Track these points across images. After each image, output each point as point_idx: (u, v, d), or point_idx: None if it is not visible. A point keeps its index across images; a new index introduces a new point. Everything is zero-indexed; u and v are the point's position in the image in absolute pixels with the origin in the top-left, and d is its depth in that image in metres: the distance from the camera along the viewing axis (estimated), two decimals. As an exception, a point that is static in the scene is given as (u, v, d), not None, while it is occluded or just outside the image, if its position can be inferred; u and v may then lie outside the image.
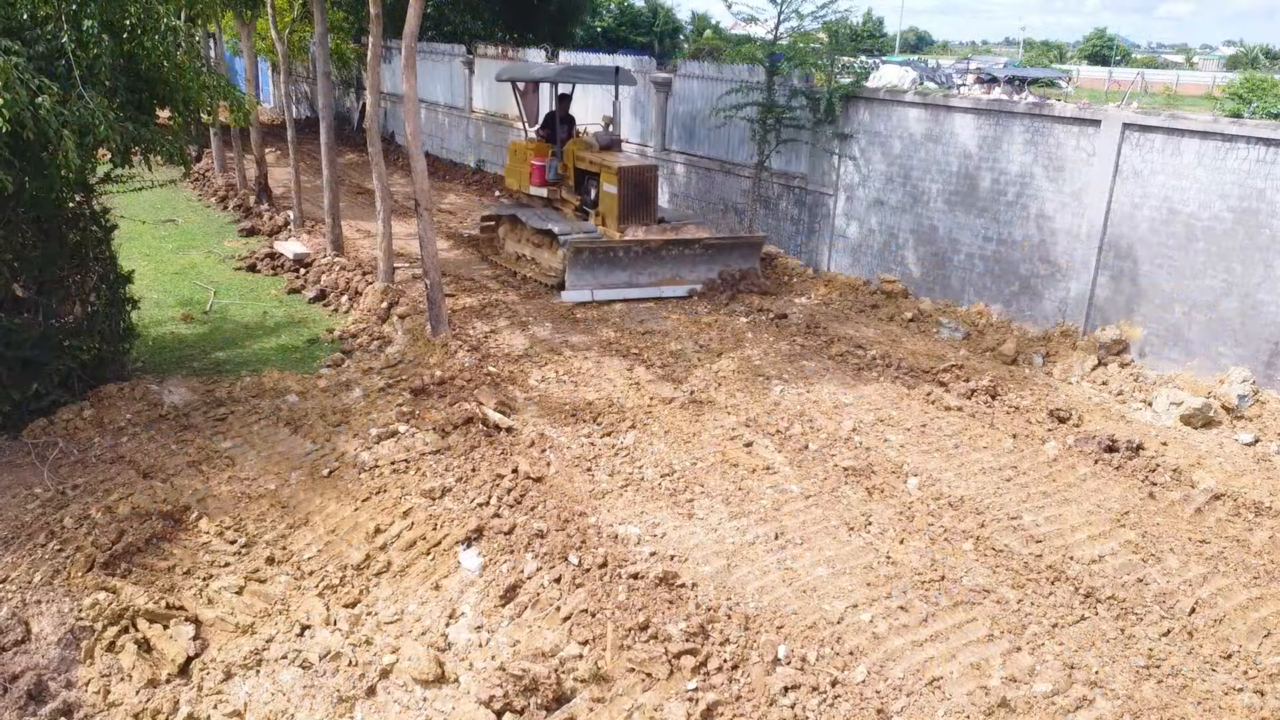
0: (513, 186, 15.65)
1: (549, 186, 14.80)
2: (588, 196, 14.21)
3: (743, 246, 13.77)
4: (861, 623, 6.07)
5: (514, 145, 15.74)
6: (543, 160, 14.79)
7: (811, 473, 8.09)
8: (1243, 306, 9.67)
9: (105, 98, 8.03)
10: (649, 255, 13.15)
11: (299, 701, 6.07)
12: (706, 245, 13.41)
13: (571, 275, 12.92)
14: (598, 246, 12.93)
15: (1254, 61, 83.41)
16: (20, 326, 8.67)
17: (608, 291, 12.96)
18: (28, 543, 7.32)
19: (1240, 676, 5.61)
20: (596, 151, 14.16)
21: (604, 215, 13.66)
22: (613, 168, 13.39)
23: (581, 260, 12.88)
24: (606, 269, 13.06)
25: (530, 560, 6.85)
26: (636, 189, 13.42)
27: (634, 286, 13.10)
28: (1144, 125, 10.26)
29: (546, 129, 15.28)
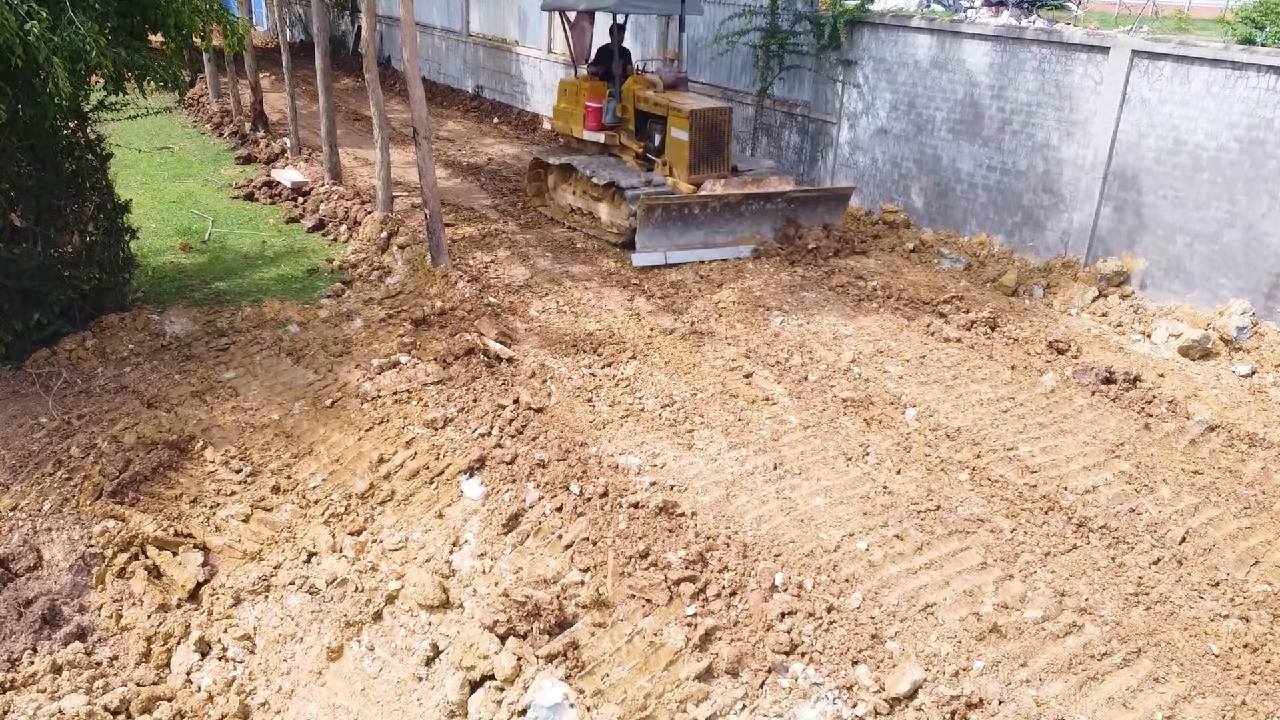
0: (563, 130, 14.18)
1: (606, 131, 13.31)
2: (651, 142, 12.76)
3: (828, 200, 12.39)
4: (857, 551, 6.18)
5: (564, 84, 14.12)
6: (599, 101, 13.26)
7: (810, 404, 8.16)
8: (1245, 238, 9.63)
9: (96, 23, 7.88)
10: (727, 211, 11.75)
11: (307, 626, 6.23)
12: (790, 199, 12.05)
13: (642, 235, 11.46)
14: (671, 203, 11.45)
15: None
16: (19, 256, 8.66)
17: (682, 253, 11.57)
18: (35, 472, 7.42)
19: (1227, 603, 5.74)
20: (661, 91, 12.64)
21: (672, 164, 12.23)
22: (683, 110, 11.90)
23: (654, 219, 11.39)
24: (680, 227, 11.62)
25: (532, 489, 6.95)
26: (709, 134, 12.00)
27: (710, 246, 11.71)
28: (1153, 53, 10.09)
29: (600, 65, 13.60)
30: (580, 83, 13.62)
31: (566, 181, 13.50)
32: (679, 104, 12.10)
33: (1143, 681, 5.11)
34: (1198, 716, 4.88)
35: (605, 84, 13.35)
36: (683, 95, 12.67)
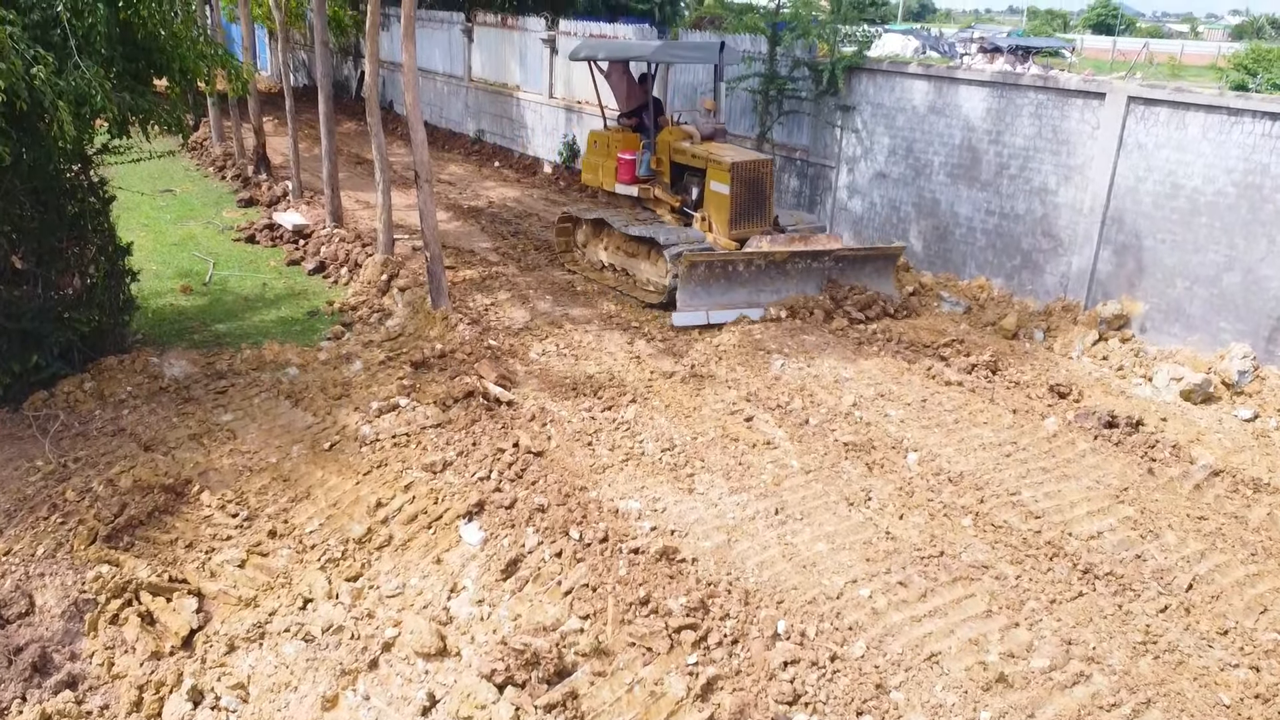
0: (593, 183, 13.72)
1: (640, 184, 12.82)
2: (689, 196, 12.33)
3: (876, 259, 11.77)
4: (860, 598, 6.11)
5: (594, 135, 13.67)
6: (633, 153, 12.82)
7: (812, 448, 8.11)
8: (1245, 282, 9.64)
9: (101, 67, 7.96)
10: (772, 269, 11.20)
11: (302, 674, 6.12)
12: (838, 258, 11.51)
13: (684, 294, 11.00)
14: (715, 261, 11.01)
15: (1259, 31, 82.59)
16: (20, 298, 8.66)
17: (725, 313, 11.03)
18: (30, 515, 7.35)
19: (1236, 652, 5.65)
20: (700, 143, 12.26)
21: (711, 218, 11.82)
22: (723, 163, 11.47)
23: (696, 277, 10.92)
24: (724, 286, 11.11)
25: (531, 534, 6.88)
26: (751, 188, 11.59)
27: (754, 306, 11.13)
28: (1149, 99, 10.18)
29: (633, 116, 13.24)
30: (612, 134, 13.24)
31: (598, 237, 13.09)
32: (719, 156, 11.68)
33: (1152, 733, 5.02)
34: (1210, 770, 4.79)
35: (638, 135, 12.97)
36: (722, 146, 12.29)
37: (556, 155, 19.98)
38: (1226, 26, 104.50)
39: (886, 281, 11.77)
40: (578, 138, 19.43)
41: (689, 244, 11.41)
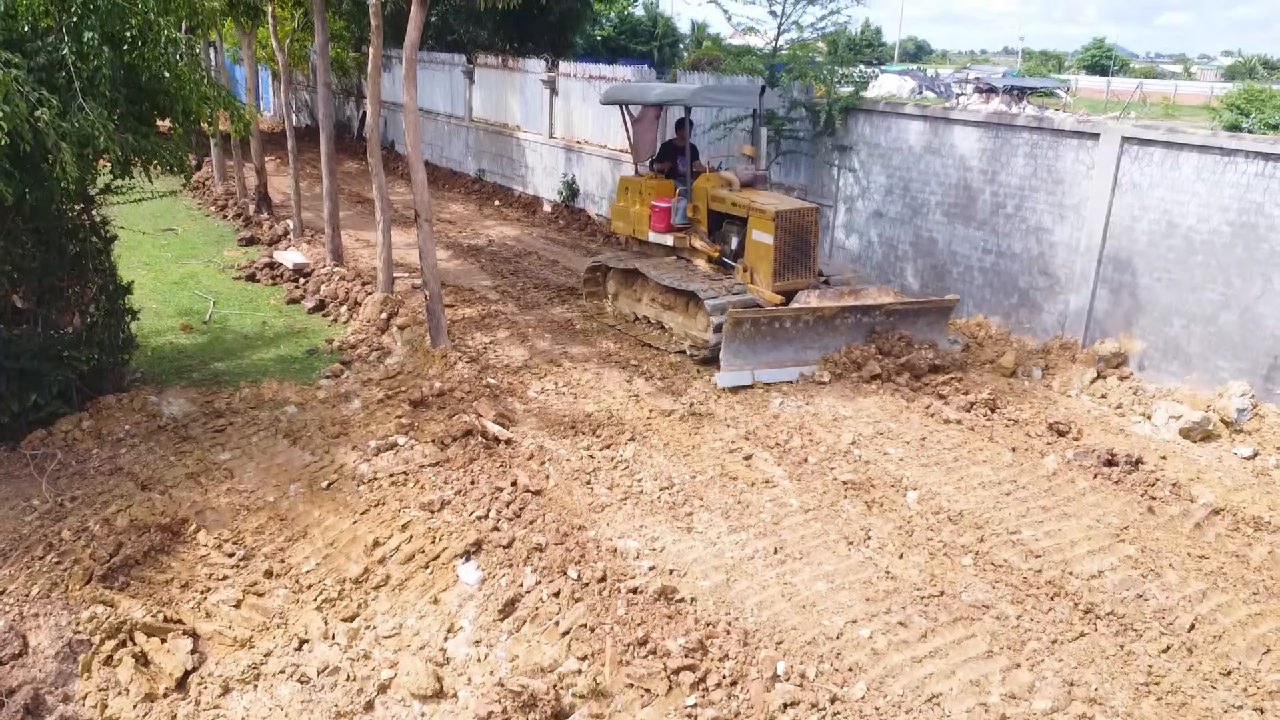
0: (623, 231, 13.14)
1: (676, 233, 12.26)
2: (728, 245, 11.82)
3: (930, 312, 11.19)
4: (860, 638, 6.06)
5: (625, 181, 13.12)
6: (667, 201, 12.29)
7: (811, 486, 8.09)
8: (1241, 320, 9.68)
9: (105, 109, 8.02)
10: (821, 325, 10.67)
11: (297, 717, 6.05)
12: (890, 311, 10.95)
13: (728, 353, 10.40)
14: (761, 318, 10.45)
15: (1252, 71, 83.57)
16: (19, 337, 8.67)
17: (772, 372, 10.47)
18: (25, 555, 7.30)
19: (1240, 694, 5.60)
20: (739, 190, 11.72)
21: (753, 269, 11.23)
22: (767, 211, 10.92)
23: (741, 334, 10.36)
24: (770, 343, 10.53)
25: (529, 574, 6.84)
26: (796, 237, 11.05)
27: (802, 364, 10.61)
28: (1143, 139, 10.29)
29: (666, 161, 12.86)
30: (645, 180, 12.67)
31: (630, 288, 12.58)
32: (762, 204, 11.13)
33: (1157, 777, 4.96)
34: (1216, 814, 4.73)
35: (672, 182, 12.51)
36: (763, 194, 11.75)
37: (556, 194, 20.12)
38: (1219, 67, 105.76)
39: (940, 334, 11.23)
40: (577, 177, 19.60)
41: (731, 296, 10.91)
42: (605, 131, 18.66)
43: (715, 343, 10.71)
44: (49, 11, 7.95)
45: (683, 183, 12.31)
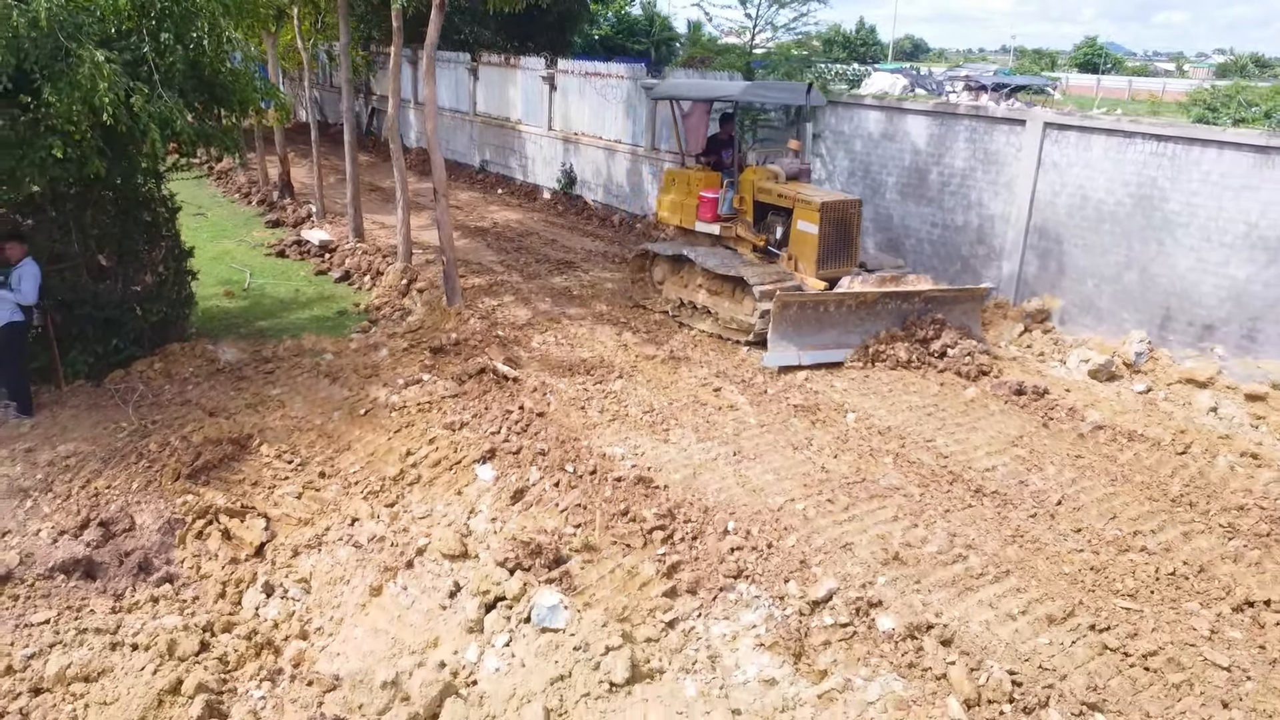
0: (670, 221, 13.64)
1: (722, 223, 12.84)
2: (773, 235, 12.38)
3: (964, 300, 11.74)
4: (795, 510, 7.70)
5: (672, 174, 13.69)
6: (714, 192, 12.86)
7: (767, 409, 9.73)
8: (1141, 278, 11.32)
9: (179, 98, 9.66)
10: (862, 309, 11.29)
11: (353, 571, 7.70)
12: (928, 299, 11.51)
13: (775, 334, 11.03)
14: (806, 301, 11.09)
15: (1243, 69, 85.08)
16: (104, 291, 10.30)
17: (816, 354, 11.07)
18: (122, 462, 8.94)
19: (1084, 543, 7.24)
20: (784, 183, 12.33)
21: (798, 258, 11.81)
22: (813, 203, 11.52)
23: (788, 317, 11.00)
24: (815, 326, 11.16)
25: (534, 471, 8.48)
26: (839, 228, 11.66)
27: (843, 347, 11.20)
28: (1061, 124, 11.93)
29: (712, 155, 13.44)
30: (693, 173, 13.30)
31: (677, 274, 13.13)
32: (807, 196, 11.74)
33: (1007, 591, 6.60)
34: (1045, 611, 6.36)
35: (718, 173, 13.09)
36: (808, 186, 12.40)
37: (555, 183, 21.74)
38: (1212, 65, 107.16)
39: (974, 321, 11.82)
40: (574, 166, 21.22)
41: (777, 283, 11.57)
42: (600, 124, 20.30)
43: (761, 327, 11.42)
44: (132, 16, 9.57)
45: (729, 175, 12.89)
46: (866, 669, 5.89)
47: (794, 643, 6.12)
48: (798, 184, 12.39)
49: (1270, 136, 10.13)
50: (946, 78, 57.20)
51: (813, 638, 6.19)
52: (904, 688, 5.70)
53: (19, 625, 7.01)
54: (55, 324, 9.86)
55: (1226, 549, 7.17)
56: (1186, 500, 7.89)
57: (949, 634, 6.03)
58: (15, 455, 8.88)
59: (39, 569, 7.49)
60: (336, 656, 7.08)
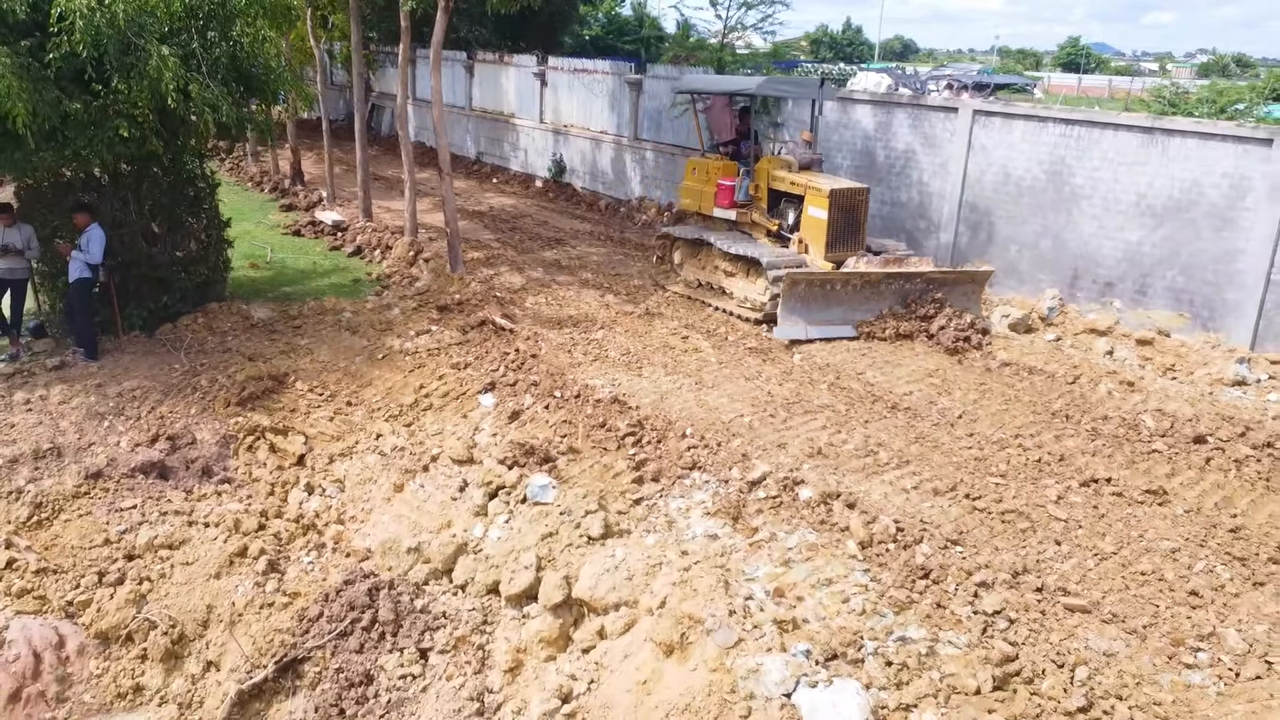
0: (690, 207, 14.54)
1: (738, 208, 13.67)
2: (785, 220, 13.16)
3: (965, 283, 12.36)
4: (743, 422, 9.39)
5: (693, 163, 14.61)
6: (731, 180, 13.68)
7: (726, 351, 11.43)
8: (1054, 244, 13.04)
9: (224, 87, 11.29)
10: (867, 289, 11.96)
11: (379, 473, 9.37)
12: (930, 280, 12.18)
13: (785, 310, 11.79)
14: (814, 279, 11.80)
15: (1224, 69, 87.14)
16: (156, 254, 11.94)
17: (822, 329, 11.80)
18: (179, 394, 10.58)
19: (973, 443, 8.94)
20: (796, 171, 13.15)
21: (808, 242, 12.59)
22: (823, 190, 12.29)
23: (796, 294, 11.70)
24: (822, 304, 11.86)
25: (528, 398, 10.15)
26: (847, 214, 12.42)
27: (849, 324, 11.90)
28: (988, 111, 13.65)
29: (730, 145, 14.33)
30: (712, 162, 14.15)
31: (695, 256, 14.09)
32: (818, 184, 12.49)
33: (905, 474, 8.29)
34: (932, 487, 8.05)
35: (735, 163, 13.92)
36: (819, 175, 13.17)
37: (546, 171, 23.41)
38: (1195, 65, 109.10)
39: (975, 303, 12.37)
40: (564, 156, 22.90)
41: (794, 266, 12.27)
42: (588, 117, 21.98)
43: (772, 304, 12.24)
44: (183, 17, 11.19)
45: (746, 164, 13.73)
46: (789, 526, 7.57)
47: (734, 510, 7.80)
48: (809, 173, 13.19)
49: (1154, 120, 11.86)
50: (930, 77, 58.97)
51: (749, 507, 7.87)
52: (816, 537, 7.38)
53: (111, 509, 8.69)
54: (115, 282, 11.49)
55: (1087, 446, 8.87)
56: (1064, 414, 9.60)
57: (853, 499, 7.71)
58: (89, 389, 10.52)
59: (122, 469, 9.17)
60: (367, 536, 8.78)
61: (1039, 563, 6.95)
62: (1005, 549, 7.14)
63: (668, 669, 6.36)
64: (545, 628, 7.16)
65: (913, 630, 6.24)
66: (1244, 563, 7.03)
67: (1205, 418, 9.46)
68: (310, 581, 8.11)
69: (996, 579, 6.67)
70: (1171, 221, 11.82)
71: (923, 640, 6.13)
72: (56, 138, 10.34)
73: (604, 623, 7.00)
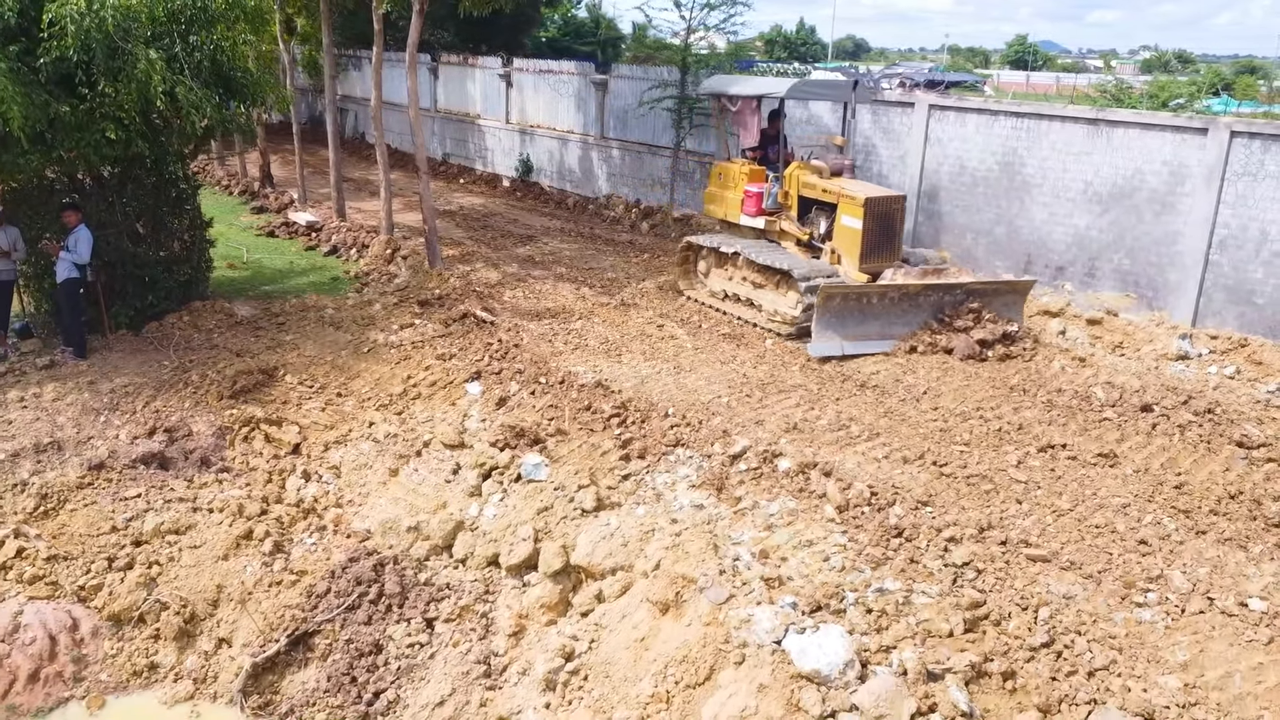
0: (715, 215, 14.02)
1: (766, 216, 13.08)
2: (816, 229, 12.58)
3: (1006, 293, 11.73)
4: (721, 402, 9.89)
5: (718, 168, 14.03)
6: (759, 186, 13.09)
7: (701, 338, 11.93)
8: (1008, 231, 13.71)
9: (208, 89, 11.57)
10: (904, 301, 11.37)
11: (374, 459, 9.74)
12: (970, 290, 11.57)
13: (820, 324, 11.13)
14: (850, 292, 11.22)
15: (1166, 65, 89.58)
16: (141, 254, 12.18)
17: (858, 344, 11.18)
18: (171, 389, 10.85)
19: (938, 416, 9.51)
20: (828, 178, 12.58)
21: (841, 252, 12.02)
22: (857, 198, 11.75)
23: (832, 308, 11.09)
24: (858, 318, 11.23)
25: (514, 385, 10.56)
26: (882, 222, 11.91)
27: (886, 338, 11.28)
28: (942, 106, 14.29)
29: (758, 151, 13.70)
30: (738, 167, 13.55)
31: (722, 266, 13.36)
32: (851, 191, 11.96)
33: (875, 445, 8.83)
34: (901, 455, 8.60)
35: (763, 168, 13.34)
36: (852, 182, 12.63)
37: (513, 171, 23.77)
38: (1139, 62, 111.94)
39: (1018, 313, 11.74)
40: (530, 155, 23.28)
41: (829, 278, 11.72)
42: (554, 116, 22.38)
43: (804, 318, 11.67)
44: (164, 20, 11.44)
45: (774, 170, 13.12)
46: (769, 495, 8.07)
47: (717, 481, 8.28)
48: (841, 179, 12.62)
49: (1098, 111, 12.56)
50: (883, 75, 60.19)
51: (731, 479, 8.35)
52: (796, 504, 7.88)
53: (116, 498, 8.99)
54: (101, 282, 11.72)
55: (1043, 417, 9.48)
56: (1021, 388, 10.21)
57: (829, 468, 8.23)
58: (81, 386, 10.75)
59: (123, 460, 9.46)
60: (365, 518, 9.16)
61: (1002, 519, 7.52)
62: (971, 508, 7.70)
63: (664, 625, 6.83)
64: (545, 594, 7.60)
65: (889, 583, 6.76)
66: (1187, 514, 7.65)
67: (1151, 389, 10.12)
68: (315, 561, 8.47)
69: (964, 535, 7.22)
70: (1117, 207, 12.52)
71: (899, 591, 6.66)
72: (44, 140, 10.57)
73: (601, 587, 7.46)
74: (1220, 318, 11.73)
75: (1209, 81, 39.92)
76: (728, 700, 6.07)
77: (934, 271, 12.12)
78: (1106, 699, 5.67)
